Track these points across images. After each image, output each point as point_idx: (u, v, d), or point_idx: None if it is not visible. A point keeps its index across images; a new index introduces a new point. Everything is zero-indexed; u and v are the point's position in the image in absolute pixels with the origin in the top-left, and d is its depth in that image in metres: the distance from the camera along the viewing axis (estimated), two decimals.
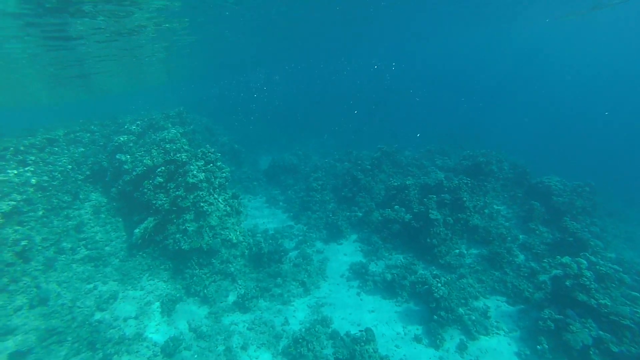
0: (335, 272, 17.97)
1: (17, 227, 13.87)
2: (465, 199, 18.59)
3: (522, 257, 16.75)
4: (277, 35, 27.71)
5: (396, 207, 20.72)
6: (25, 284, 12.78)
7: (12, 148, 15.97)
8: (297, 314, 15.05)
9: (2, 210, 13.32)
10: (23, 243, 13.21)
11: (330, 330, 14.04)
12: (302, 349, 12.64)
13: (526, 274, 15.23)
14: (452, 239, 17.64)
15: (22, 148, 16.18)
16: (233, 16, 18.87)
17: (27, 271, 13.19)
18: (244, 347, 13.03)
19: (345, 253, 19.73)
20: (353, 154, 27.63)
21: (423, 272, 16.53)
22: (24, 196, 14.59)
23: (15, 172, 14.88)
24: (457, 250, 17.42)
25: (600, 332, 11.45)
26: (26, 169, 15.58)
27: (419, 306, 15.08)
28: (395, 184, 22.18)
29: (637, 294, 12.99)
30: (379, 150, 26.11)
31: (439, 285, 13.95)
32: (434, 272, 15.66)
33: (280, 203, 25.58)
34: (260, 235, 20.07)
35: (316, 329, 13.47)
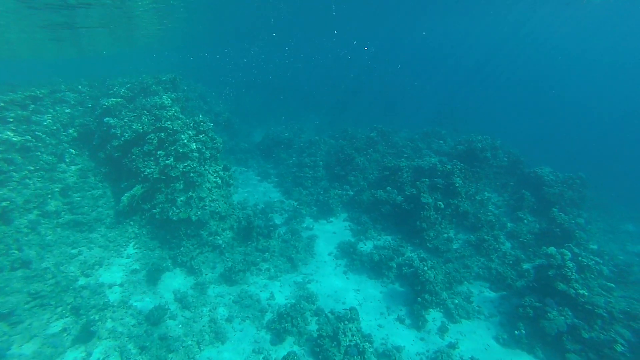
0: (324, 250, 18.06)
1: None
2: (457, 184, 18.56)
3: (508, 244, 17.02)
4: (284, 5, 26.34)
5: (388, 188, 20.65)
6: (5, 245, 12.49)
7: None
8: (284, 290, 15.18)
9: None
10: (4, 204, 12.81)
11: (315, 307, 14.21)
12: (286, 325, 12.76)
13: (511, 262, 15.52)
14: (442, 224, 17.76)
15: (1, 104, 15.37)
16: None
17: (7, 233, 12.87)
18: (228, 320, 13.13)
19: (334, 231, 19.79)
20: (349, 132, 27.22)
21: (410, 255, 16.74)
22: (5, 155, 14.01)
23: None
24: (445, 235, 17.58)
25: (575, 320, 11.83)
26: (6, 126, 14.88)
27: (404, 288, 15.32)
28: (389, 164, 22.00)
29: (613, 285, 13.41)
30: (375, 129, 25.77)
31: (425, 268, 14.11)
32: (422, 255, 15.85)
33: (272, 177, 25.32)
34: (250, 208, 19.93)
35: (301, 305, 13.60)
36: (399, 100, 48.41)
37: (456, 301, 13.70)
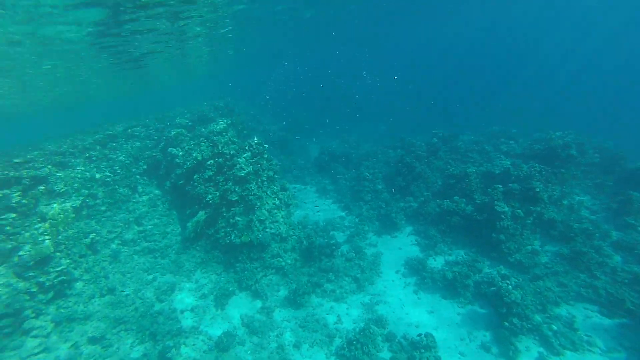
0: (390, 268, 16.94)
1: (86, 221, 14.73)
2: (538, 188, 16.28)
3: (617, 258, 14.24)
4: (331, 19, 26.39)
5: (455, 197, 18.91)
6: (95, 274, 13.54)
7: (80, 145, 16.94)
8: (351, 312, 14.37)
9: (74, 205, 14.14)
10: (91, 235, 13.97)
11: (386, 331, 13.17)
12: (356, 352, 11.95)
13: (627, 280, 12.86)
14: (523, 234, 15.60)
15: (87, 145, 17.11)
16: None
17: (97, 262, 13.97)
18: (296, 346, 12.67)
19: (400, 247, 18.56)
20: (406, 141, 25.83)
21: (489, 271, 14.90)
22: (91, 191, 15.42)
23: (82, 168, 15.74)
24: (529, 247, 15.39)
25: None
26: (91, 165, 16.45)
27: (486, 309, 13.57)
28: (454, 172, 20.24)
29: None
30: (435, 135, 24.10)
31: (510, 287, 12.31)
32: (503, 272, 13.95)
33: (331, 193, 24.84)
34: (310, 227, 19.60)
35: (371, 330, 12.66)
36: (456, 102, 45.47)
37: (555, 327, 11.64)
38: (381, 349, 12.38)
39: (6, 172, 12.79)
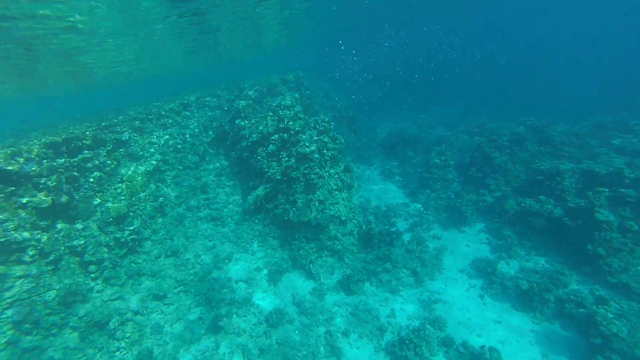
0: (454, 265, 15.48)
1: (158, 184, 15.63)
2: None
3: None
4: None
5: (542, 197, 16.31)
6: (162, 235, 14.40)
7: (156, 112, 17.86)
8: (406, 307, 13.44)
9: (148, 169, 15.03)
10: (161, 199, 14.79)
11: (443, 335, 12.05)
12: (408, 352, 11.11)
13: None
14: (634, 252, 12.83)
15: (163, 112, 17.98)
16: None
17: (164, 224, 14.84)
18: (345, 333, 12.24)
19: (467, 243, 16.83)
20: (486, 127, 22.98)
21: (578, 289, 12.65)
22: (164, 157, 16.25)
23: (157, 134, 16.60)
24: None
25: None
26: (166, 131, 17.28)
27: (569, 332, 11.60)
28: (544, 167, 17.43)
29: None
30: (524, 123, 20.99)
31: (609, 315, 10.19)
32: (599, 293, 11.70)
33: (396, 177, 23.38)
34: (371, 211, 18.68)
35: (427, 331, 11.63)
36: (550, 86, 39.28)
37: None
38: (436, 354, 11.37)
39: (97, 134, 13.88)
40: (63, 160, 11.40)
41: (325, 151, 15.20)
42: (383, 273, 14.73)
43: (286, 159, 15.22)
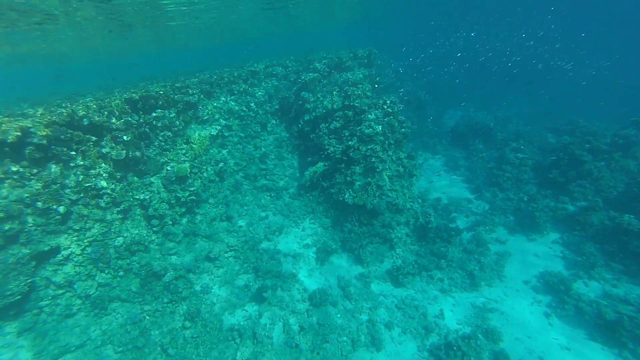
0: (517, 275, 13.93)
1: (219, 149, 16.03)
2: None
3: None
4: None
5: None
6: (218, 200, 14.86)
7: (225, 78, 18.08)
8: (457, 310, 12.45)
9: (211, 133, 15.40)
10: (221, 165, 15.15)
11: (497, 348, 10.95)
12: (454, 359, 10.30)
13: None
14: None
15: (232, 79, 18.14)
16: None
17: (222, 189, 15.28)
18: (388, 326, 11.71)
19: (536, 254, 15.00)
20: (579, 124, 19.85)
21: None
22: (228, 122, 16.52)
23: (224, 99, 16.84)
24: None
25: None
26: (232, 97, 17.49)
27: None
28: None
29: None
30: (633, 124, 17.63)
31: None
32: None
33: (462, 170, 21.52)
34: (430, 203, 17.47)
35: (478, 341, 10.66)
36: None
37: None
38: None
39: (170, 94, 14.40)
40: (138, 117, 11.99)
41: (390, 134, 14.20)
42: (435, 270, 13.81)
43: (348, 137, 14.54)
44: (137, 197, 11.51)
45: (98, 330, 9.81)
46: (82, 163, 10.23)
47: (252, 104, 17.56)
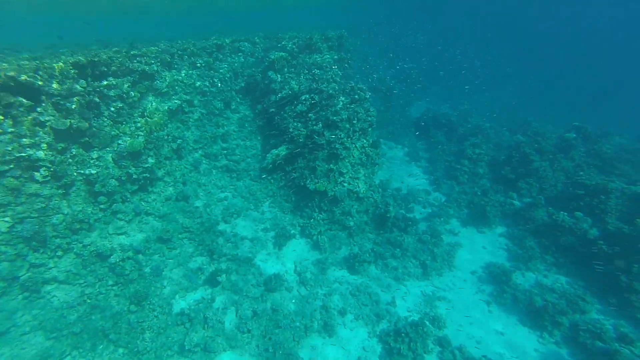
0: (466, 265, 14.75)
1: (178, 125, 15.12)
2: None
3: None
4: None
5: (578, 213, 14.99)
6: (175, 178, 14.12)
7: (188, 50, 16.91)
8: (407, 298, 12.99)
9: (170, 108, 14.44)
10: (179, 141, 14.33)
11: (441, 334, 11.60)
12: (401, 346, 10.78)
13: None
14: None
15: (195, 51, 17.01)
16: None
17: (179, 167, 14.51)
18: (341, 312, 11.95)
19: (484, 246, 15.94)
20: (532, 126, 21.09)
21: (599, 319, 11.74)
22: (189, 97, 15.56)
23: (186, 73, 15.79)
24: None
25: None
26: (194, 71, 16.44)
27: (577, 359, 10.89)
28: (588, 182, 15.87)
29: None
30: (576, 128, 18.98)
31: (634, 359, 9.35)
32: (624, 330, 10.80)
33: (423, 161, 22.14)
34: (390, 192, 17.82)
35: (425, 327, 11.19)
36: (617, 90, 35.36)
37: None
38: (429, 352, 10.98)
39: (125, 62, 13.17)
40: (85, 83, 10.87)
41: (355, 121, 14.13)
42: (391, 258, 14.23)
43: (314, 122, 14.30)
44: (82, 171, 10.56)
45: (27, 315, 9.03)
46: (11, 130, 9.13)
47: (216, 80, 16.65)
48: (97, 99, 11.26)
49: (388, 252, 14.33)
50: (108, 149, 11.48)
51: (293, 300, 12.08)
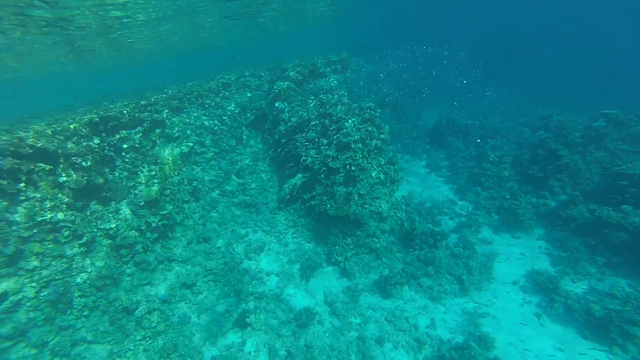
0: (506, 275, 13.70)
1: (193, 166, 15.25)
2: None
3: None
4: None
5: (625, 206, 13.78)
6: (194, 221, 14.06)
7: (195, 92, 17.34)
8: (448, 318, 12.06)
9: (183, 151, 14.62)
10: (195, 183, 14.37)
11: (491, 355, 10.58)
12: None
13: None
14: None
15: (202, 92, 17.41)
16: None
17: (197, 209, 14.48)
18: (379, 341, 11.18)
19: (522, 252, 14.84)
20: (553, 119, 20.03)
21: None
22: (200, 138, 15.77)
23: (195, 115, 16.10)
24: None
25: None
26: (203, 112, 16.75)
27: None
28: (630, 170, 14.69)
29: None
30: (604, 116, 17.87)
31: None
32: None
33: (444, 170, 21.34)
34: (414, 206, 17.12)
35: (472, 351, 10.24)
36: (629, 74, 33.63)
37: None
38: None
39: (134, 113, 13.54)
40: (99, 140, 11.13)
41: (369, 141, 13.79)
42: (424, 277, 13.41)
43: (326, 147, 14.06)
44: (102, 226, 10.61)
45: None
46: (33, 195, 9.31)
47: (225, 117, 16.87)
48: (111, 153, 11.47)
49: (420, 271, 13.54)
50: (125, 200, 11.56)
51: (327, 334, 11.43)
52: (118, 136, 12.01)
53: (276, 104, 16.81)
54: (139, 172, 12.55)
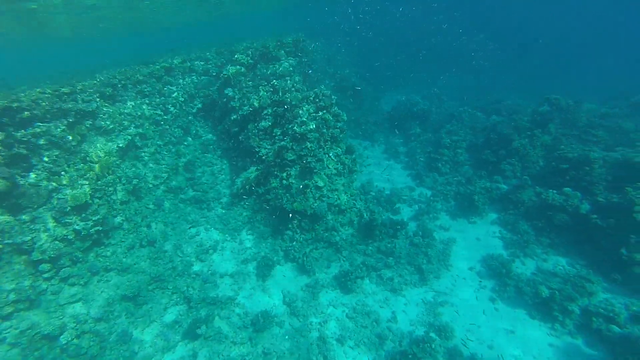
0: (463, 261, 14.00)
1: (133, 162, 13.64)
2: None
3: None
4: None
5: (566, 189, 14.50)
6: (136, 223, 12.64)
7: (133, 77, 15.39)
8: (409, 310, 12.04)
9: (120, 145, 12.95)
10: (135, 181, 12.86)
11: (450, 345, 10.71)
12: None
13: None
14: None
15: (141, 77, 15.51)
16: None
17: (139, 210, 13.03)
18: (340, 340, 10.86)
19: (478, 237, 15.25)
20: (505, 104, 20.71)
21: (607, 299, 11.16)
22: (140, 130, 14.11)
23: (133, 104, 14.33)
24: None
25: None
26: (143, 100, 14.99)
27: (595, 350, 10.22)
28: (571, 154, 15.46)
29: None
30: (548, 101, 18.63)
31: None
32: (636, 309, 10.22)
33: (402, 156, 21.31)
34: (373, 194, 16.90)
35: (432, 343, 10.25)
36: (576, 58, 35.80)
37: None
38: None
39: (54, 104, 11.59)
40: (4, 135, 9.32)
41: (325, 130, 13.08)
42: (385, 269, 13.27)
43: (280, 137, 13.16)
44: (10, 241, 8.99)
45: None
46: None
47: (170, 106, 15.22)
48: (23, 151, 9.71)
49: (381, 263, 13.39)
50: (45, 207, 9.92)
51: (286, 337, 10.89)
52: (31, 130, 10.19)
53: (226, 91, 15.46)
54: (63, 173, 10.85)
